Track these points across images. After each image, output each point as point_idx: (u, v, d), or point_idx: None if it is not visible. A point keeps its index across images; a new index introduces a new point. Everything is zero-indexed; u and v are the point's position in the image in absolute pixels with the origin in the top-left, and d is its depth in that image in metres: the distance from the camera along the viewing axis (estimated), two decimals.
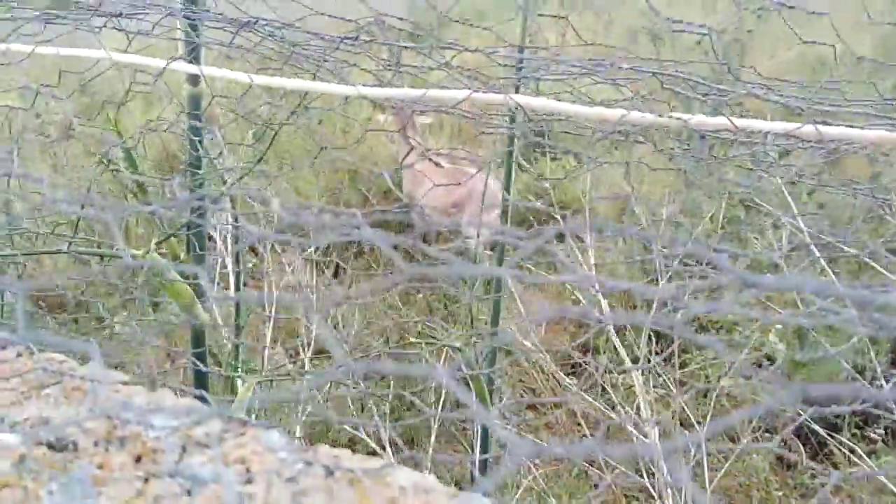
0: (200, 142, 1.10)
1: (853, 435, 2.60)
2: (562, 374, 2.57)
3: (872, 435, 2.62)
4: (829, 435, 2.49)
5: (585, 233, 2.36)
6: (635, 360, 2.43)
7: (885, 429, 2.66)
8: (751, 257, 3.75)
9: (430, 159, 3.78)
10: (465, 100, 0.96)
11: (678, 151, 1.48)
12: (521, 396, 2.84)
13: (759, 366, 3.10)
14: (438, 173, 3.96)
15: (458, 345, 1.49)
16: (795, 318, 0.69)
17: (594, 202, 4.68)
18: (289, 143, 4.80)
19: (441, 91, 1.00)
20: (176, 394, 0.53)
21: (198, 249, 1.17)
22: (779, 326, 3.29)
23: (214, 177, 1.19)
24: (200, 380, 1.20)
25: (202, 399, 1.07)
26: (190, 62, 1.05)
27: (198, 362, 1.16)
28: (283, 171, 3.83)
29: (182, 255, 1.14)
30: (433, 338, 2.52)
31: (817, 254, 1.97)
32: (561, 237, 2.69)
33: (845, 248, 1.71)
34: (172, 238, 1.11)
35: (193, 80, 1.09)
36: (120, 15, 1.05)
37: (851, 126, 0.92)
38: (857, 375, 2.67)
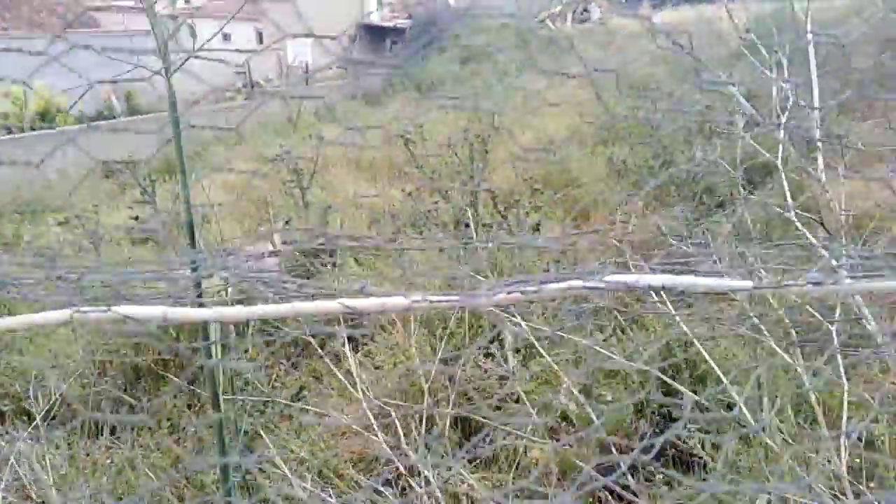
0: None
1: (646, 479, 2.84)
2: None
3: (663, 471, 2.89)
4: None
5: None
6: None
7: (672, 459, 2.96)
8: None
9: None
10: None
11: None
12: None
13: (558, 427, 3.31)
14: None
15: None
16: None
17: None
18: None
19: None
20: None
21: None
22: (565, 384, 3.54)
23: None
24: None
25: None
26: None
27: None
28: None
29: None
30: None
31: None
32: None
33: None
34: None
35: None
36: None
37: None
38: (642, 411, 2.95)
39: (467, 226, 4.06)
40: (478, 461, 3.29)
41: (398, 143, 7.35)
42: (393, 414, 2.28)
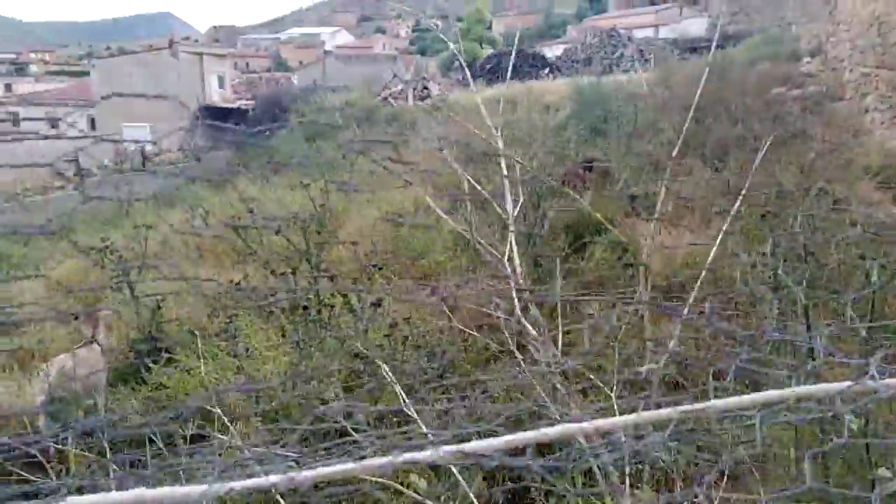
0: None
1: None
2: None
3: None
4: None
5: None
6: None
7: None
8: None
9: None
10: None
11: None
12: None
13: None
14: None
15: None
16: None
17: None
18: None
19: None
20: None
21: None
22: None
23: None
24: None
25: None
26: None
27: None
28: None
29: None
30: None
31: None
32: None
33: None
34: None
35: None
36: None
37: None
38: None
39: (305, 308, 3.95)
40: None
41: (255, 224, 7.13)
42: None
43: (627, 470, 2.16)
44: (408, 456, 0.82)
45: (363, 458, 0.85)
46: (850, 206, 5.48)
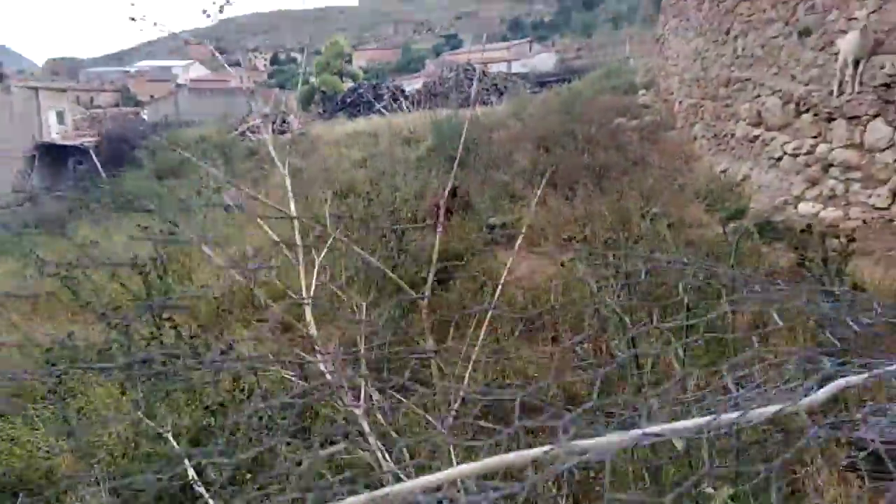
0: None
1: None
2: None
3: None
4: None
5: None
6: None
7: None
8: None
9: None
10: None
11: None
12: None
13: None
14: None
15: None
16: None
17: None
18: None
19: None
20: None
21: None
22: None
23: None
24: None
25: None
26: None
27: None
28: None
29: None
30: None
31: None
32: None
33: None
34: None
35: None
36: None
37: None
38: None
39: (144, 362, 3.63)
40: None
41: (85, 272, 6.54)
42: None
43: None
44: None
45: None
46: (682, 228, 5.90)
